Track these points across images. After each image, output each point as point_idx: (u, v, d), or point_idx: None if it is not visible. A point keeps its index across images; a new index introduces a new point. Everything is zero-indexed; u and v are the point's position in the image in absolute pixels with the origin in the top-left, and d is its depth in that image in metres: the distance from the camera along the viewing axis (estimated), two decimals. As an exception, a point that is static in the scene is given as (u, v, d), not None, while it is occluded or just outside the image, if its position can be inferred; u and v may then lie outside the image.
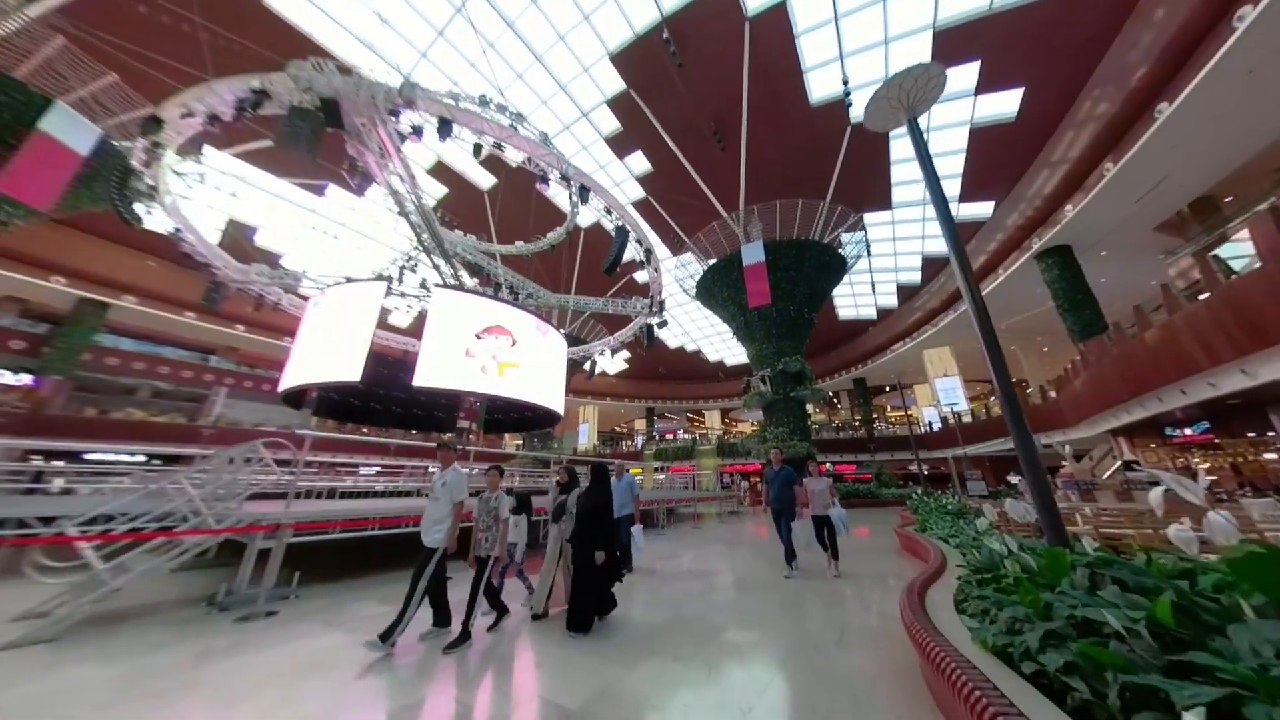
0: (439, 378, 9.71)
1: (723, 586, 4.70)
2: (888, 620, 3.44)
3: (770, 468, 5.61)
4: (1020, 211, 16.76)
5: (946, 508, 6.70)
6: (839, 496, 15.28)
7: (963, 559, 3.57)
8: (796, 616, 3.75)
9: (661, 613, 3.86)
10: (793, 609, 3.89)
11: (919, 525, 5.94)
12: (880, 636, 3.13)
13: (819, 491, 5.38)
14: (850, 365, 34.81)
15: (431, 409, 14.92)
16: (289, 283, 14.25)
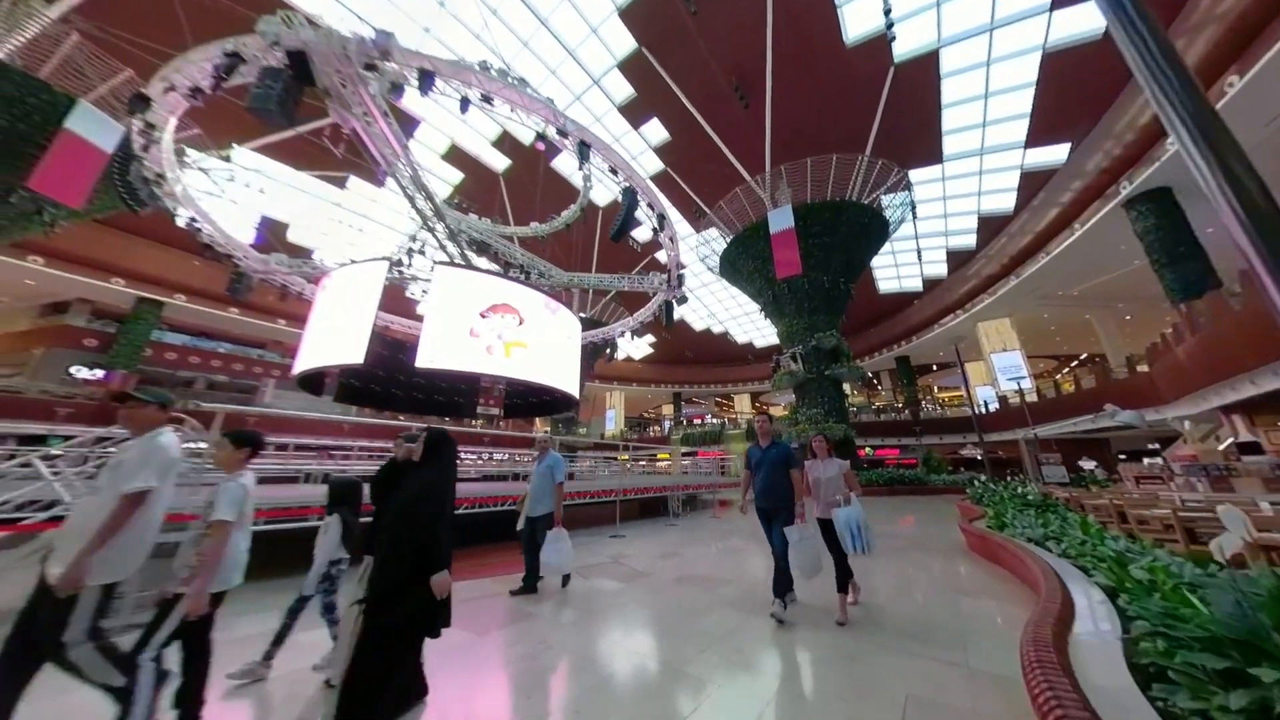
0: (442, 359, 9.21)
1: (717, 607, 3.34)
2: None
3: (755, 447, 3.61)
4: (1105, 151, 14.18)
5: (1026, 498, 5.43)
6: (863, 488, 13.95)
7: (1123, 599, 2.18)
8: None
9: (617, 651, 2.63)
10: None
11: (993, 521, 4.76)
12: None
13: (828, 481, 3.51)
14: (892, 343, 32.21)
15: (452, 394, 14.79)
16: (308, 271, 14.41)
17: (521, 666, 2.35)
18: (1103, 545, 3.23)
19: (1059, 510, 4.86)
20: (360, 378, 12.14)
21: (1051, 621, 2.06)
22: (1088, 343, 30.54)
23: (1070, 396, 17.68)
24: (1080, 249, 17.05)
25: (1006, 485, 6.88)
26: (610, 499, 5.50)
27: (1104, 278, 19.71)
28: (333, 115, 7.28)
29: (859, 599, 3.41)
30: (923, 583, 3.86)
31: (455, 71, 7.20)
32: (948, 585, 3.80)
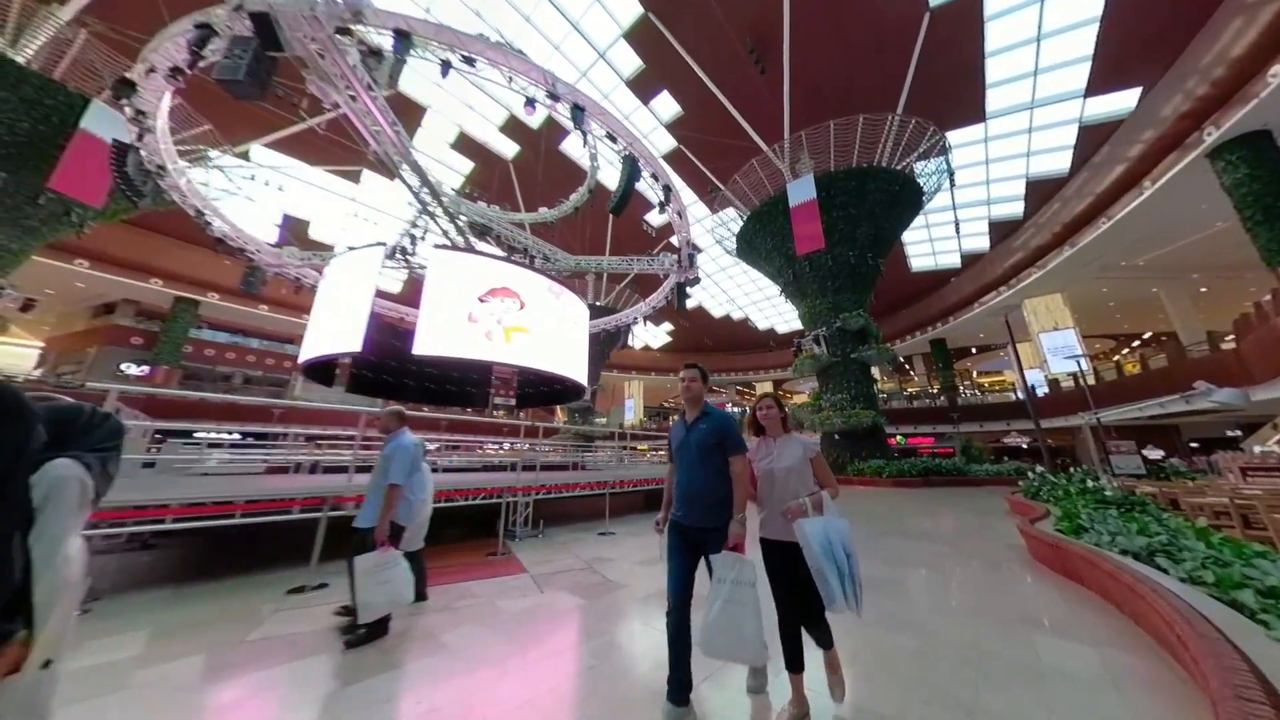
0: (439, 345, 8.90)
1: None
2: None
3: (680, 423, 2.18)
4: (1187, 92, 12.20)
5: (1102, 494, 4.44)
6: (894, 479, 12.16)
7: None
8: None
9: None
10: None
11: (1064, 524, 3.74)
12: None
13: (785, 474, 2.02)
14: (926, 325, 30.11)
15: (464, 384, 14.71)
16: (319, 263, 14.50)
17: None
18: (1268, 570, 2.24)
19: (1150, 510, 3.88)
20: (372, 368, 12.08)
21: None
22: (1153, 320, 27.53)
23: (1135, 379, 15.81)
24: (1150, 211, 15.00)
25: (1069, 477, 5.85)
26: (599, 492, 4.96)
27: (1176, 244, 17.43)
28: (311, 88, 6.92)
29: (842, 686, 1.85)
30: (977, 608, 2.81)
31: (433, 32, 6.67)
32: (1015, 613, 2.75)
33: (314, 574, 3.12)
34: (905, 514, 7.01)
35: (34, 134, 10.90)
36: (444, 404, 16.47)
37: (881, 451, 14.56)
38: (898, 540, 4.80)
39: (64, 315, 24.10)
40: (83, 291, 21.96)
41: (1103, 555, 2.98)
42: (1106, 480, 5.03)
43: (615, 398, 47.48)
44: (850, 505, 8.71)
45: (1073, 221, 18.03)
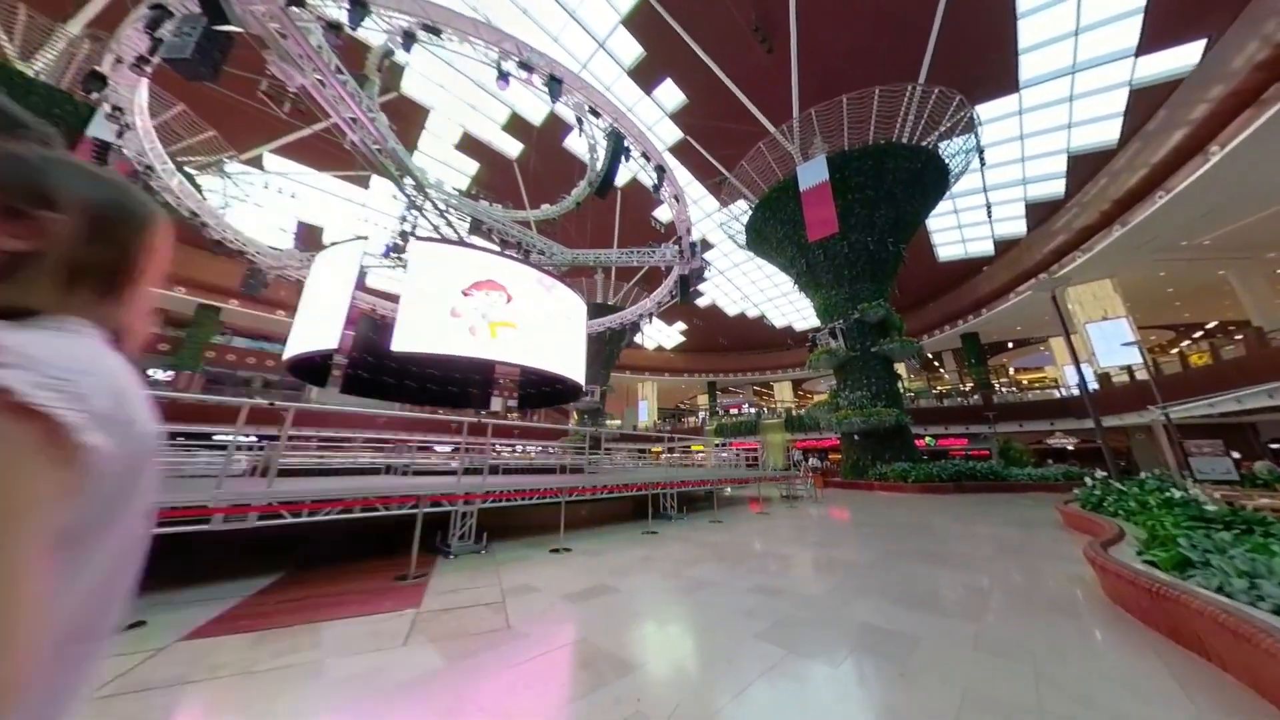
0: (419, 341, 8.45)
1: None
2: None
3: None
4: (1265, 38, 10.60)
5: (1199, 509, 3.36)
6: (920, 484, 10.76)
7: None
8: None
9: None
10: None
11: (1157, 552, 2.68)
12: None
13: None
14: (956, 318, 28.15)
15: (465, 385, 14.39)
16: (319, 265, 14.47)
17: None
18: None
19: (1274, 531, 2.74)
20: (369, 369, 11.80)
21: None
22: (1218, 307, 24.79)
23: (1204, 371, 13.97)
24: (1218, 181, 13.21)
25: (1141, 484, 4.71)
26: (552, 499, 4.22)
27: (1249, 218, 15.39)
28: (272, 69, 6.58)
29: None
30: (1046, 704, 1.72)
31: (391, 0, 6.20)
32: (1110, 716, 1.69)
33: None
34: (933, 528, 5.95)
35: (44, 144, 11.15)
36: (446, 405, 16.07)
37: (908, 454, 13.30)
38: (920, 565, 3.82)
39: (101, 324, 25.33)
40: (115, 301, 22.99)
41: (1253, 621, 1.82)
42: (1199, 490, 3.90)
43: (629, 399, 46.84)
44: (869, 514, 7.66)
45: (1123, 198, 16.24)
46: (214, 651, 2.09)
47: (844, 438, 14.59)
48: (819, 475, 13.88)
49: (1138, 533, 3.23)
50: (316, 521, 2.97)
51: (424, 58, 17.45)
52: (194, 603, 2.67)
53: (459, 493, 3.61)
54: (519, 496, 4.06)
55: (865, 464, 13.30)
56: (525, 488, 4.19)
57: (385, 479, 6.00)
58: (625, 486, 5.40)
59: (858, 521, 6.73)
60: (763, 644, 2.24)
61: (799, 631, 2.43)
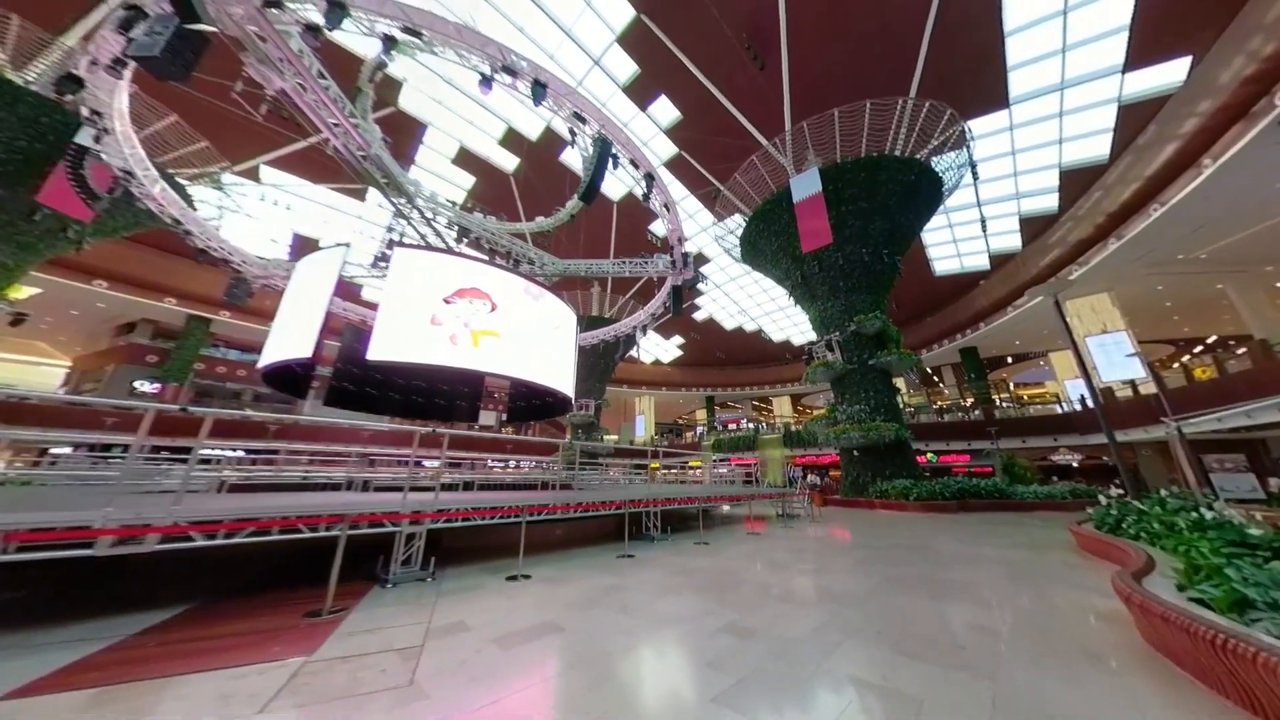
0: (396, 350, 8.10)
1: None
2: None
3: None
4: (1250, 54, 10.68)
5: (1243, 534, 2.78)
6: (923, 502, 10.20)
7: None
8: None
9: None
10: None
11: (1209, 591, 2.26)
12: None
13: None
14: (954, 332, 27.99)
15: (453, 398, 14.02)
16: (307, 275, 14.26)
17: None
18: None
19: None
20: (353, 380, 11.42)
21: None
22: (1217, 321, 24.67)
23: (1210, 385, 13.65)
24: (1212, 194, 13.19)
25: (1163, 503, 4.31)
26: (513, 519, 3.77)
27: (1245, 232, 15.35)
28: (250, 71, 6.45)
29: None
30: None
31: (370, 1, 6.11)
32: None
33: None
34: (936, 550, 5.49)
35: (31, 152, 11.12)
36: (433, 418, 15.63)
37: (909, 470, 12.84)
38: (922, 597, 3.37)
39: (89, 335, 25.11)
40: (104, 311, 22.79)
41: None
42: (1230, 510, 3.50)
43: (626, 414, 46.28)
44: (868, 535, 7.19)
45: (1118, 211, 16.24)
46: (21, 718, 1.66)
47: (843, 454, 14.14)
48: (818, 493, 13.37)
49: (1171, 561, 2.81)
50: (249, 543, 2.59)
51: (421, 73, 17.72)
52: (60, 644, 2.25)
53: (404, 511, 3.22)
54: (474, 516, 3.65)
55: (865, 481, 12.82)
56: (481, 505, 3.78)
57: (327, 496, 5.54)
58: (599, 505, 4.97)
59: (855, 543, 6.27)
60: (719, 713, 1.82)
61: (768, 692, 1.99)
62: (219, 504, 3.04)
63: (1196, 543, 2.82)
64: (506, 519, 3.87)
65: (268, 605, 2.90)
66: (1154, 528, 3.90)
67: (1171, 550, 3.11)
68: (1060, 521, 9.29)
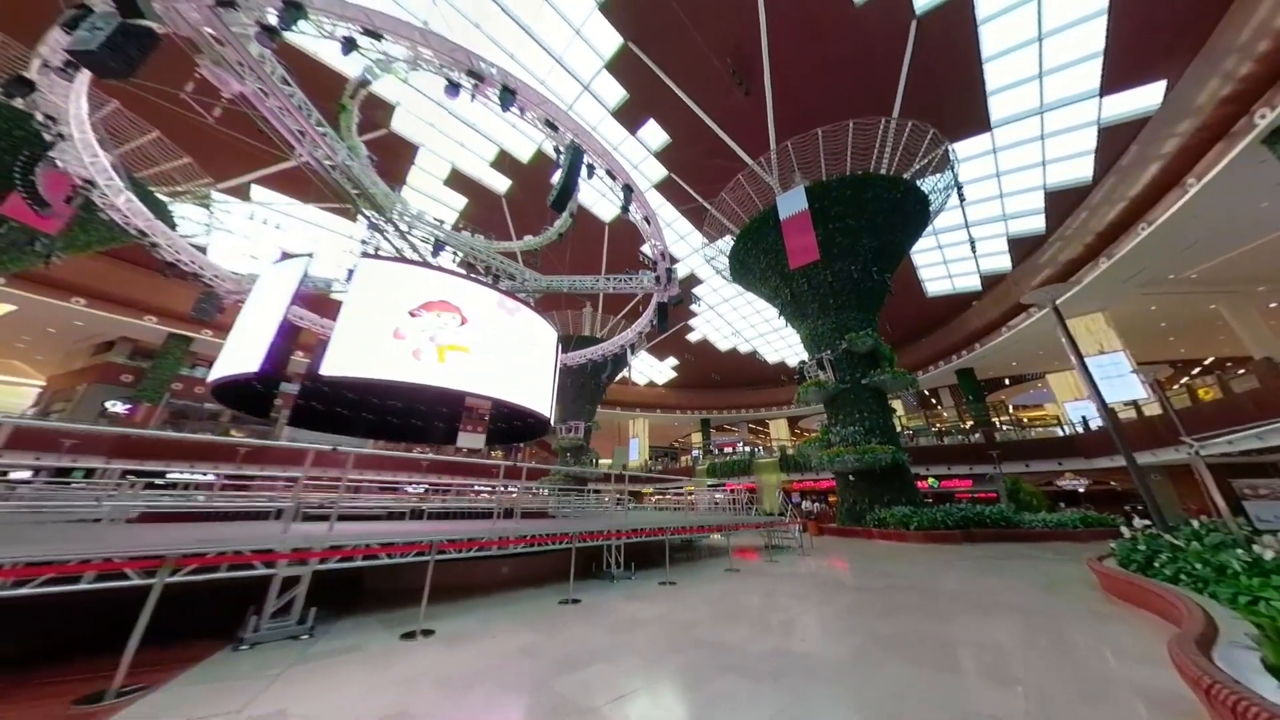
0: (352, 365, 7.50)
1: None
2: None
3: None
4: (1225, 75, 10.80)
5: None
6: (926, 531, 9.40)
7: None
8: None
9: None
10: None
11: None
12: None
13: None
14: (950, 353, 27.67)
15: (432, 418, 13.33)
16: (283, 291, 13.88)
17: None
18: None
19: None
20: (323, 399, 10.77)
21: None
22: (1213, 343, 24.48)
23: (1217, 406, 13.16)
24: (1199, 213, 13.14)
25: (1199, 536, 3.65)
26: (415, 557, 3.06)
27: (1234, 251, 15.28)
28: (204, 73, 6.22)
29: None
30: None
31: (328, 3, 5.95)
32: None
33: None
34: (939, 593, 4.78)
35: (2, 164, 10.92)
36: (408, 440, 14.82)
37: (908, 496, 12.09)
38: (919, 666, 2.70)
39: (67, 353, 24.48)
40: (82, 329, 22.27)
41: None
42: (1251, 538, 2.90)
43: (620, 437, 45.24)
44: (861, 572, 6.42)
45: (1105, 231, 16.21)
46: None
47: (838, 478, 13.41)
48: (813, 521, 12.53)
49: (1234, 619, 2.13)
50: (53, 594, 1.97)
51: (414, 97, 18.02)
52: None
53: (281, 549, 2.58)
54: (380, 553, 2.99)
55: (862, 508, 12.03)
56: (391, 540, 3.13)
57: (216, 528, 4.77)
58: (543, 540, 4.27)
59: (844, 583, 5.54)
60: None
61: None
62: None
63: (1268, 594, 2.21)
64: (409, 556, 3.21)
65: (43, 682, 2.19)
66: (1197, 569, 3.23)
67: (1230, 601, 2.48)
68: (1074, 554, 8.52)
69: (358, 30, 6.09)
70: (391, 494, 15.42)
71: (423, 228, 10.40)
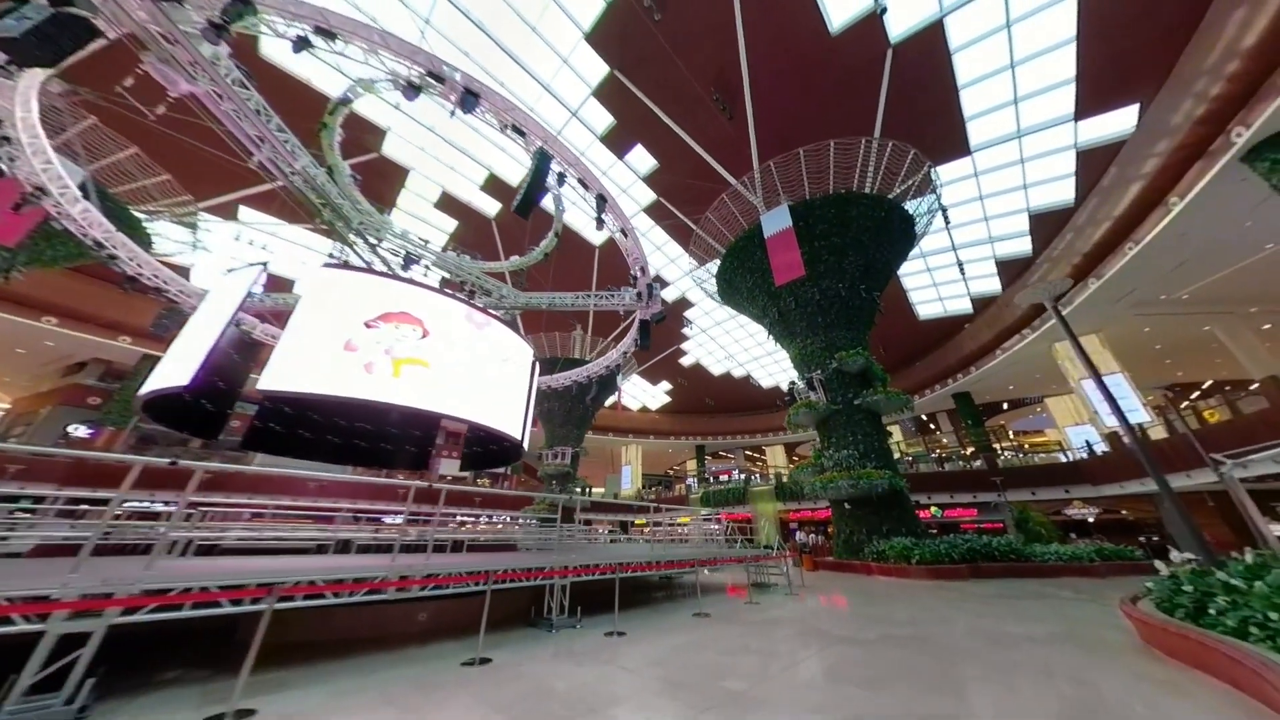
0: (294, 379, 6.86)
1: None
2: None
3: None
4: (1197, 95, 10.95)
5: None
6: (930, 565, 8.69)
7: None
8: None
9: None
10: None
11: None
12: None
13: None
14: (945, 377, 27.22)
15: (403, 442, 12.51)
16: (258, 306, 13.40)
17: None
18: None
19: None
20: (284, 421, 9.99)
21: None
22: (1210, 365, 24.15)
23: (1225, 428, 12.56)
24: (1184, 232, 13.07)
25: (1256, 572, 2.91)
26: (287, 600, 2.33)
27: (1223, 272, 15.18)
28: (149, 69, 5.95)
29: None
30: None
31: (280, 1, 5.77)
32: None
33: None
34: (945, 647, 3.93)
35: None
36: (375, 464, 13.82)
37: (909, 526, 11.21)
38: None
39: (37, 374, 23.65)
40: (53, 350, 21.59)
41: None
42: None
43: (613, 464, 43.84)
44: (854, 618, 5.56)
45: (1092, 251, 16.17)
46: None
47: (834, 507, 12.53)
48: (807, 555, 11.55)
49: None
50: None
51: (403, 121, 18.31)
52: None
53: (66, 596, 1.88)
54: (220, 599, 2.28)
55: (860, 539, 11.12)
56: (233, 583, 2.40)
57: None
58: (446, 580, 3.43)
59: (831, 632, 4.72)
60: None
61: None
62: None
63: None
64: (245, 604, 2.47)
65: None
66: (1272, 620, 2.50)
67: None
68: (1094, 592, 7.66)
69: (309, 29, 5.91)
70: (329, 523, 14.26)
71: (392, 240, 10.04)
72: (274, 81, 14.54)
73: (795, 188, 13.51)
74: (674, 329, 31.92)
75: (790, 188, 13.49)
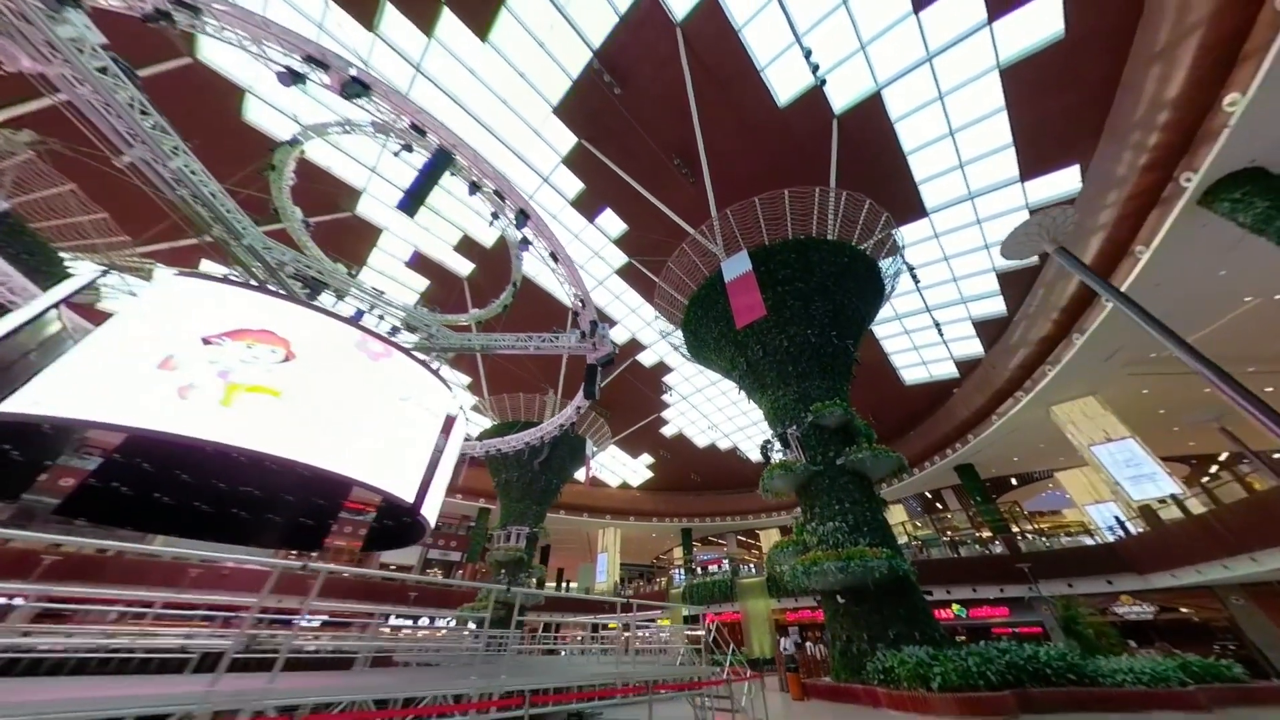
0: (53, 401, 4.97)
1: None
2: None
3: None
4: (1136, 145, 11.16)
5: None
6: (955, 693, 6.56)
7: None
8: None
9: None
10: None
11: None
12: None
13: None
14: (943, 447, 25.19)
15: (295, 512, 9.94)
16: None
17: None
18: None
19: None
20: (137, 481, 7.74)
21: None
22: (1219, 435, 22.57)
23: (1272, 496, 10.58)
24: (1158, 282, 12.57)
25: None
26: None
27: (1208, 328, 14.48)
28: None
29: None
30: None
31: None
32: None
33: None
34: None
35: None
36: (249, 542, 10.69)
37: (922, 627, 8.45)
38: None
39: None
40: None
41: None
42: None
43: (590, 551, 38.56)
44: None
45: (1068, 305, 15.66)
46: None
47: (825, 604, 9.77)
48: (792, 674, 8.52)
49: None
50: None
51: (379, 184, 18.84)
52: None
53: None
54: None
55: (861, 648, 8.28)
56: None
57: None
58: None
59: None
60: None
61: None
62: None
63: None
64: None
65: None
66: None
67: None
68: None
69: (171, 3, 5.44)
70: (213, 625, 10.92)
71: (293, 263, 8.94)
72: (230, 128, 14.83)
73: (753, 234, 13.22)
74: (653, 396, 30.38)
75: (748, 234, 13.20)
